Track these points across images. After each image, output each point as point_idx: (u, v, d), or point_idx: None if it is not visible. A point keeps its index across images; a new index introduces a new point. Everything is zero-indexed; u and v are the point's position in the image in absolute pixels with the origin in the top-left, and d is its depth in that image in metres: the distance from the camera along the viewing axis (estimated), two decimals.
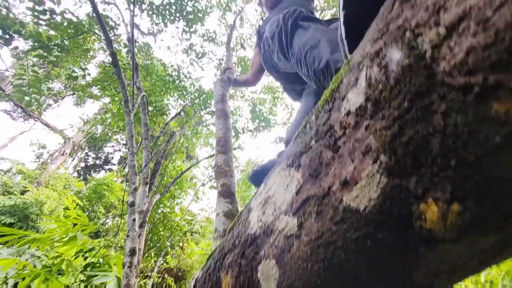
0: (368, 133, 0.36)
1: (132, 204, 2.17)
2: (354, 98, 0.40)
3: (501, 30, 0.26)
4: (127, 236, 2.07)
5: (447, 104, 0.28)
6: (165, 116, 4.90)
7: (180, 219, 6.78)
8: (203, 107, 5.86)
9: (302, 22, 1.09)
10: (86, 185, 14.70)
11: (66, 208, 8.62)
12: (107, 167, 21.18)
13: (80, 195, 12.32)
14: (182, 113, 5.03)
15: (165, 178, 5.54)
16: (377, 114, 0.35)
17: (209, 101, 5.99)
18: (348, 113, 0.40)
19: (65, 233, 3.47)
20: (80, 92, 5.84)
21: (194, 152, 10.83)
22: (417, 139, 0.30)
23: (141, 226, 2.67)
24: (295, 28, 1.10)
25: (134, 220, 2.13)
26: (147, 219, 2.78)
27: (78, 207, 9.25)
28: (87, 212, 10.55)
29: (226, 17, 7.42)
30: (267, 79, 8.96)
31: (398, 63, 0.32)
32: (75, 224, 3.40)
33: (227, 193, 1.58)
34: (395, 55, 0.33)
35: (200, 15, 5.44)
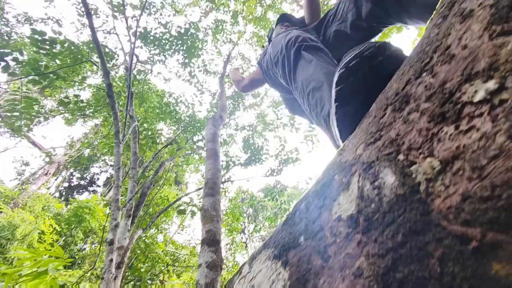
0: (360, 251, 0.34)
1: (111, 243, 2.04)
2: (346, 204, 0.38)
3: (497, 185, 0.25)
4: (102, 278, 1.91)
5: (443, 250, 0.27)
6: (156, 145, 4.85)
7: (162, 252, 6.43)
8: (197, 134, 5.86)
9: (304, 53, 1.07)
10: (67, 207, 14.05)
11: (42, 232, 8.13)
12: (91, 188, 20.42)
13: (59, 217, 11.71)
14: (173, 143, 4.99)
15: (151, 209, 5.33)
16: (370, 233, 0.33)
17: (202, 127, 6.01)
18: (339, 219, 0.38)
19: (36, 266, 3.22)
20: (70, 115, 5.78)
21: (183, 179, 10.62)
22: (413, 280, 0.28)
23: (119, 267, 2.46)
24: (297, 58, 1.09)
25: (111, 260, 1.99)
26: (126, 258, 2.58)
27: (54, 231, 8.75)
28: (64, 237, 9.95)
29: (218, 45, 7.68)
30: (259, 109, 9.13)
31: (392, 190, 0.31)
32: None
33: (212, 241, 1.51)
34: (389, 179, 0.32)
35: (197, 51, 5.65)
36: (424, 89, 0.36)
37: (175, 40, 5.34)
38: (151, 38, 5.18)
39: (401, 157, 0.32)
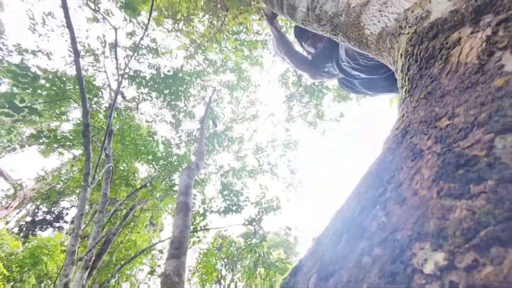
0: None
1: None
2: None
3: None
4: None
5: None
6: (129, 187, 4.61)
7: None
8: (175, 172, 5.67)
9: None
10: (24, 245, 12.74)
11: None
12: (58, 224, 18.74)
13: (12, 257, 10.47)
14: (148, 185, 4.78)
15: (114, 258, 4.86)
16: None
17: (180, 165, 5.84)
18: None
19: None
20: (46, 146, 5.52)
21: (159, 220, 9.92)
22: None
23: None
24: None
25: None
26: None
27: (1, 276, 7.74)
28: (12, 282, 8.76)
29: (198, 88, 7.98)
30: (238, 148, 9.13)
31: None
32: None
33: None
34: None
35: (184, 93, 5.82)
36: (377, 227, 0.33)
37: (163, 82, 5.46)
38: (139, 80, 5.27)
39: None
